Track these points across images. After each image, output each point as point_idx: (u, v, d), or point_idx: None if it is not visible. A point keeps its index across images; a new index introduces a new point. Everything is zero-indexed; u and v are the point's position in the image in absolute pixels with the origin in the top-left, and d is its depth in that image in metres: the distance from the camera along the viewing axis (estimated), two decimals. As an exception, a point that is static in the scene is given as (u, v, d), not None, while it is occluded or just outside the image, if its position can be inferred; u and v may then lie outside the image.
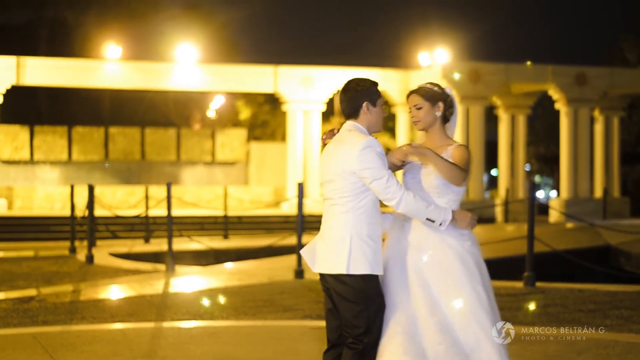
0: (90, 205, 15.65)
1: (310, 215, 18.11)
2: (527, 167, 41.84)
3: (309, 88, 26.95)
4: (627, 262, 16.87)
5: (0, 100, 24.86)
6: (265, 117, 42.64)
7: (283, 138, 35.01)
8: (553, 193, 47.86)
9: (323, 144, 4.79)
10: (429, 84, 4.84)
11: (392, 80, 27.70)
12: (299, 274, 12.23)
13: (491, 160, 33.88)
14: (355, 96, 4.63)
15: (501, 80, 26.74)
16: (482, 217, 25.71)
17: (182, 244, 17.37)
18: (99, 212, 19.09)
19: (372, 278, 4.51)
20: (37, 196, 27.23)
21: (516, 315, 8.89)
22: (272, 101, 37.86)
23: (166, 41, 33.39)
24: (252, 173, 31.39)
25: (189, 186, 29.83)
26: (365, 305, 4.48)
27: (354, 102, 4.64)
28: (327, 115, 34.28)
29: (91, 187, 15.74)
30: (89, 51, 33.70)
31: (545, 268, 13.89)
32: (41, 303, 10.06)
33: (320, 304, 9.02)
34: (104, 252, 16.49)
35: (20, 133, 28.98)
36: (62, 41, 38.75)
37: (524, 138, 29.22)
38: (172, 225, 13.70)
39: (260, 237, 20.80)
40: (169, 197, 13.66)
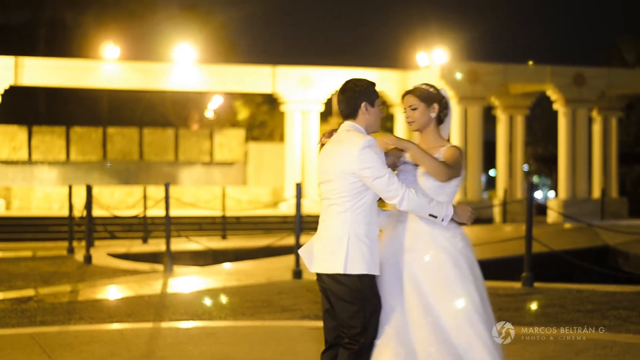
0: (89, 205, 15.63)
1: (309, 216, 18.03)
2: (525, 167, 41.88)
3: (307, 88, 26.95)
4: (625, 263, 16.88)
5: (-1, 100, 24.88)
6: (263, 118, 42.66)
7: (281, 138, 35.04)
8: (551, 193, 47.89)
9: (321, 144, 4.77)
10: (424, 85, 4.84)
11: (390, 80, 27.70)
12: (297, 274, 12.23)
13: (489, 160, 33.89)
14: (353, 96, 4.63)
15: (499, 81, 26.75)
16: (480, 217, 25.72)
17: (180, 245, 17.36)
18: (97, 212, 19.07)
19: (368, 278, 4.50)
20: (35, 196, 27.21)
21: (514, 315, 8.89)
22: (271, 101, 37.85)
23: (164, 41, 33.41)
24: (250, 173, 31.38)
25: (187, 186, 29.83)
26: (362, 306, 4.47)
27: (352, 102, 4.63)
28: (326, 115, 34.27)
29: (89, 188, 15.72)
30: (87, 51, 33.71)
31: (544, 268, 13.90)
32: (39, 303, 10.06)
33: (318, 304, 9.02)
34: (102, 253, 16.48)
35: (19, 133, 28.97)
36: (60, 41, 38.76)
37: (522, 138, 29.22)
38: (170, 226, 13.70)
39: (259, 238, 20.81)
40: (167, 197, 13.65)
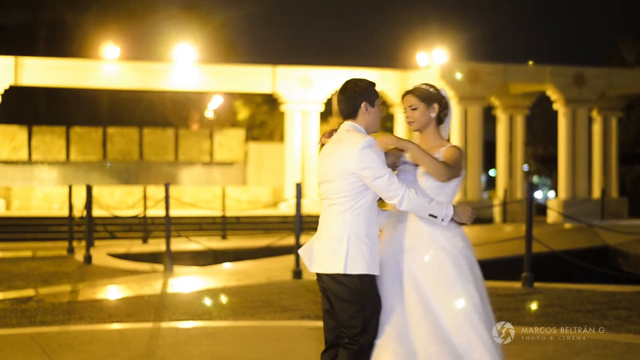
0: (89, 205, 15.63)
1: (309, 216, 18.04)
2: (525, 167, 41.88)
3: (307, 88, 26.95)
4: (625, 263, 16.88)
5: (-1, 100, 24.89)
6: (263, 118, 42.65)
7: (281, 138, 35.03)
8: (551, 193, 47.89)
9: (321, 144, 4.76)
10: (424, 85, 4.84)
11: (390, 80, 27.70)
12: (297, 274, 12.23)
13: (489, 160, 33.89)
14: (353, 96, 4.62)
15: (499, 81, 26.75)
16: (480, 217, 25.72)
17: (180, 245, 17.36)
18: (97, 212, 19.07)
19: (368, 278, 4.49)
20: (35, 196, 27.21)
21: (514, 315, 8.89)
22: (271, 101, 37.84)
23: (164, 41, 33.40)
24: (250, 173, 31.38)
25: (187, 186, 29.82)
26: (362, 306, 4.47)
27: (352, 102, 4.63)
28: (326, 115, 34.27)
29: (89, 188, 15.72)
30: (87, 51, 33.71)
31: (544, 268, 13.90)
32: (39, 303, 10.06)
33: (318, 304, 9.01)
34: (102, 253, 16.48)
35: (19, 133, 28.97)
36: (60, 41, 38.76)
37: (522, 138, 29.22)
38: (170, 226, 13.69)
39: (259, 238, 20.80)
40: (167, 197, 13.65)
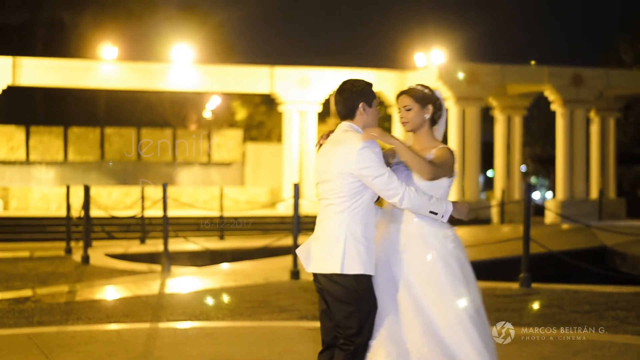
0: (86, 205, 15.63)
1: (306, 216, 18.08)
2: (523, 168, 41.88)
3: (305, 89, 26.95)
4: (622, 263, 16.89)
5: (-4, 100, 24.90)
6: (261, 118, 42.63)
7: (279, 139, 35.02)
8: (549, 194, 47.91)
9: (319, 146, 4.76)
10: (419, 86, 4.84)
11: (388, 80, 27.71)
12: (294, 274, 12.23)
13: (487, 161, 33.90)
14: (351, 97, 4.63)
15: (497, 81, 26.76)
16: (478, 218, 25.75)
17: (178, 245, 17.36)
18: (94, 212, 19.05)
19: (365, 278, 4.49)
20: (32, 197, 27.19)
21: (512, 316, 8.89)
22: (268, 102, 37.82)
23: (162, 42, 33.36)
24: (248, 174, 31.37)
25: (185, 187, 29.80)
26: (358, 306, 4.47)
27: (350, 103, 4.63)
28: (323, 116, 34.27)
29: (87, 188, 15.72)
30: (85, 51, 33.67)
31: (541, 269, 13.92)
32: (37, 303, 10.05)
33: (316, 305, 9.00)
34: (100, 253, 16.47)
35: (16, 133, 28.95)
36: (58, 41, 38.73)
37: (519, 139, 29.23)
38: (167, 226, 13.69)
39: (256, 238, 20.79)
40: (164, 197, 13.65)
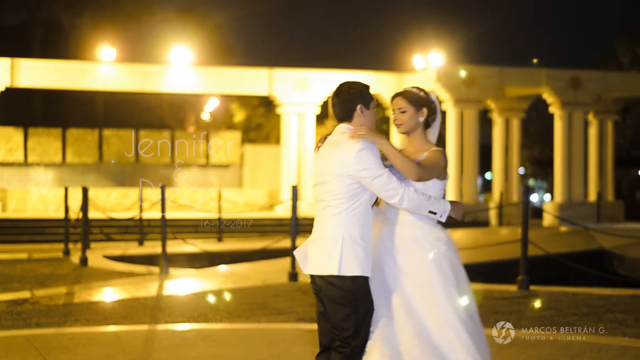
0: (84, 207, 15.62)
1: (304, 218, 18.08)
2: (521, 170, 41.89)
3: (303, 91, 26.96)
4: (620, 266, 16.90)
5: (-6, 102, 24.90)
6: (259, 120, 42.62)
7: (277, 141, 35.00)
8: (547, 196, 47.91)
9: (317, 147, 4.76)
10: (415, 89, 4.82)
11: (386, 83, 27.72)
12: (292, 276, 12.22)
13: (485, 163, 33.93)
14: (348, 99, 4.62)
15: (495, 84, 26.78)
16: (476, 220, 25.75)
17: (176, 247, 17.35)
18: (93, 214, 19.03)
19: (361, 280, 4.49)
20: (31, 198, 27.18)
21: (510, 318, 8.89)
22: (267, 104, 37.82)
23: (161, 44, 33.38)
24: (246, 176, 31.36)
25: (183, 188, 29.76)
26: (355, 308, 4.47)
27: (348, 105, 4.63)
28: (322, 118, 34.27)
29: (85, 190, 15.70)
30: (83, 53, 33.66)
31: (540, 271, 13.92)
32: (35, 305, 10.04)
33: (314, 307, 8.95)
34: (98, 255, 16.45)
35: (14, 135, 28.93)
36: (56, 43, 38.74)
37: (518, 141, 29.26)
38: (166, 228, 13.67)
39: (254, 240, 20.78)
40: (162, 199, 13.63)
